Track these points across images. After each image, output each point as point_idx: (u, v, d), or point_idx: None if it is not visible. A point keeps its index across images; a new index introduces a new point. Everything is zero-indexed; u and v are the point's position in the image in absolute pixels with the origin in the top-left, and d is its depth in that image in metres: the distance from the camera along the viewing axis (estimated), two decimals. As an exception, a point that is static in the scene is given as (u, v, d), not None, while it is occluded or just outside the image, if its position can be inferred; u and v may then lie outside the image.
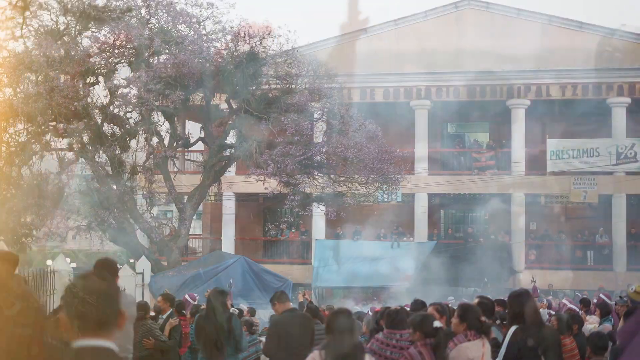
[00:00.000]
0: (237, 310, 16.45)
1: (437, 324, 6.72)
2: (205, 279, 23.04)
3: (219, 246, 34.67)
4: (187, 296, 17.00)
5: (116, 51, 23.61)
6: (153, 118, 24.27)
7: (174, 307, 13.18)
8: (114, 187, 23.70)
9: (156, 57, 23.81)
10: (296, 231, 35.36)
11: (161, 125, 25.07)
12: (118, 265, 8.00)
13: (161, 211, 38.14)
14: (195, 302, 16.20)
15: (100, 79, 23.85)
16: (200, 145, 29.42)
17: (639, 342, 2.37)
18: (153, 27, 23.66)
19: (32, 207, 22.41)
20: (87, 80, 23.29)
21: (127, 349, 6.82)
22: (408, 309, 9.76)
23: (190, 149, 29.86)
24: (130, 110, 24.14)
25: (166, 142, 25.15)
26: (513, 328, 7.16)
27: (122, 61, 23.88)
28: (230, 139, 25.42)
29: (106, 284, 3.06)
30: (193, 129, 31.99)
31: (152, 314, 12.82)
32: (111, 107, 23.85)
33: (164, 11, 23.65)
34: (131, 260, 29.08)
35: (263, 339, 11.55)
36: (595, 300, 17.65)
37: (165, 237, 25.32)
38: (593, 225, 33.92)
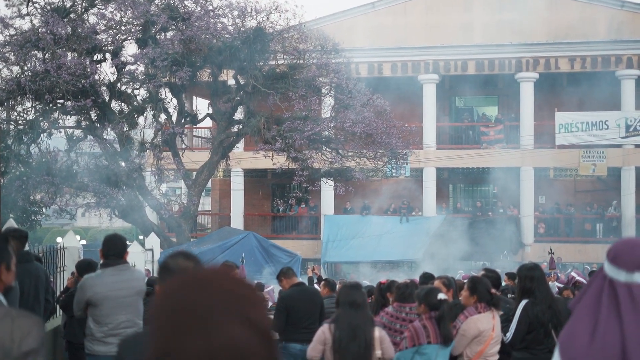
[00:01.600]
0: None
1: (442, 296, 6.72)
2: (215, 255, 23.09)
3: (228, 222, 34.74)
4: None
5: (123, 28, 23.56)
6: (161, 95, 24.24)
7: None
8: (123, 164, 23.73)
9: (163, 34, 23.75)
10: (305, 206, 35.39)
11: (169, 102, 25.05)
12: (127, 241, 8.03)
13: (170, 188, 38.25)
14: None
15: (108, 56, 23.83)
16: (208, 122, 29.39)
17: (577, 315, 2.36)
18: (159, 4, 23.58)
19: (41, 185, 22.49)
20: (94, 58, 23.28)
21: (136, 323, 6.85)
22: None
23: (198, 125, 29.84)
24: (137, 87, 24.13)
25: (174, 118, 25.13)
26: (523, 302, 7.16)
27: (129, 38, 23.83)
28: (238, 115, 25.39)
29: (193, 261, 3.64)
30: (201, 105, 31.99)
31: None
32: (119, 84, 23.84)
33: (170, -13, 23.55)
34: (141, 237, 29.22)
35: (271, 316, 11.58)
36: (604, 273, 17.64)
37: (174, 214, 25.38)
38: (602, 198, 33.85)
